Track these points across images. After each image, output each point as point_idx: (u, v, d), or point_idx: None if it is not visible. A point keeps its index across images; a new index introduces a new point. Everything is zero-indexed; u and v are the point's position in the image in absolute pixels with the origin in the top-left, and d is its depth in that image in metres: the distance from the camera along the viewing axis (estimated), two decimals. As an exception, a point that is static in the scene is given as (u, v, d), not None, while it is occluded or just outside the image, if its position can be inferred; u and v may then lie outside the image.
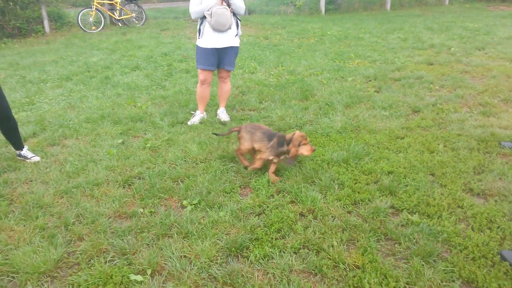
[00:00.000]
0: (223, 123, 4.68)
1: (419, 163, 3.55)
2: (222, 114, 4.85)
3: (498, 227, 2.69)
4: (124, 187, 3.35)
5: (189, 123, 4.71)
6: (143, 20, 13.08)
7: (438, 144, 3.90)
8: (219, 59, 4.60)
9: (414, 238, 2.60)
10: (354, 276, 2.28)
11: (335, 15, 14.86)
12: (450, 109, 4.86)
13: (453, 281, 2.25)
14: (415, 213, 2.87)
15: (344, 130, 4.39)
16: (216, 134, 4.10)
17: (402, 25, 11.47)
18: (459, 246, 2.51)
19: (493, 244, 2.52)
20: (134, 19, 12.96)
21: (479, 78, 6.15)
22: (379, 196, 3.09)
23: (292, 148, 3.32)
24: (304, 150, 3.34)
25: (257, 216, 2.90)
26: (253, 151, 3.56)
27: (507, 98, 5.20)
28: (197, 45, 4.57)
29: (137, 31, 11.85)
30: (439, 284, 2.22)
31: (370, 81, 6.27)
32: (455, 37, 9.33)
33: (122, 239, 2.64)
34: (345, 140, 4.10)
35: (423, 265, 2.36)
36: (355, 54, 8.08)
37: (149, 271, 2.36)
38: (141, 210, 2.99)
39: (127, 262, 2.45)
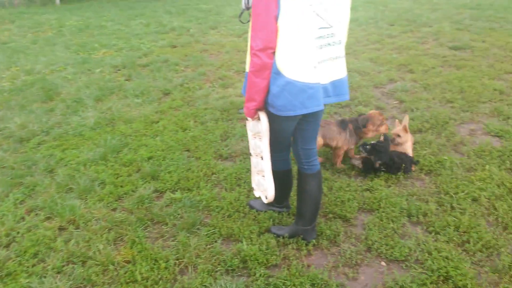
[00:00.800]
0: None
1: (175, 142, 3.73)
2: None
3: (245, 182, 3.13)
4: None
5: None
6: None
7: (189, 121, 4.20)
8: None
9: (178, 214, 2.74)
10: (125, 272, 2.24)
11: (73, 4, 13.78)
12: (195, 86, 5.27)
13: (215, 241, 2.50)
14: (177, 191, 3.02)
15: (99, 126, 4.17)
16: None
17: (143, 10, 11.61)
18: (216, 208, 2.80)
19: (242, 198, 2.92)
20: None
21: (216, 55, 6.88)
22: (142, 184, 3.11)
23: (371, 129, 3.19)
24: (383, 128, 3.24)
25: (5, 248, 2.46)
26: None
27: (239, 69, 6.03)
28: None
29: None
30: (204, 248, 2.43)
31: (119, 70, 6.12)
32: (192, 19, 10.11)
33: None
34: (100, 136, 3.92)
35: (188, 236, 2.52)
36: (99, 44, 7.71)
37: None
38: None
39: None
